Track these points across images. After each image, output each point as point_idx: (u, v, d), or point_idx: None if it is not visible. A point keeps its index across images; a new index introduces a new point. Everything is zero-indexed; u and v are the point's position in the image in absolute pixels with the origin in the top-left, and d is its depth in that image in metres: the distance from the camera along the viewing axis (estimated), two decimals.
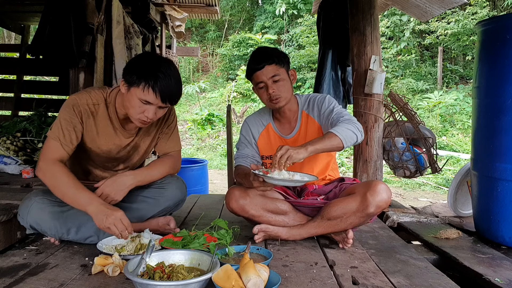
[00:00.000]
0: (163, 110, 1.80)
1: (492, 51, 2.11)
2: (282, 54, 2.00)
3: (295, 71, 2.07)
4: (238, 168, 2.09)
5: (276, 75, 1.94)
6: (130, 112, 1.77)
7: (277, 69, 1.95)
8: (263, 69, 1.94)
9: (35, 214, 1.76)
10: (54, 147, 1.75)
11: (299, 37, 12.83)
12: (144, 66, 1.70)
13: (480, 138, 2.20)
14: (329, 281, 1.51)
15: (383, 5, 4.21)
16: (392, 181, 6.55)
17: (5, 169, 3.16)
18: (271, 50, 2.00)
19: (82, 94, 1.85)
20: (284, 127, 2.12)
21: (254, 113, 2.23)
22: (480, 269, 1.76)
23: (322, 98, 2.05)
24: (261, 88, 1.98)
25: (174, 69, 1.75)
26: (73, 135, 1.79)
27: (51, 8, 3.06)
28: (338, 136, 1.73)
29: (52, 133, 1.77)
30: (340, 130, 1.75)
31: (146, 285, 1.25)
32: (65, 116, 1.79)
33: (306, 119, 2.07)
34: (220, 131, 10.28)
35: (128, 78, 1.71)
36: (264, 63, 1.94)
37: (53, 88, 4.86)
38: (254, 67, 1.96)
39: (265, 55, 1.96)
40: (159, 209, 2.01)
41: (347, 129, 1.77)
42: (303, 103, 2.10)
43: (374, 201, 1.79)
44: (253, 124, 2.17)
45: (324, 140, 1.72)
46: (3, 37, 12.09)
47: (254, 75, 1.97)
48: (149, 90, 1.67)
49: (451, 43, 10.45)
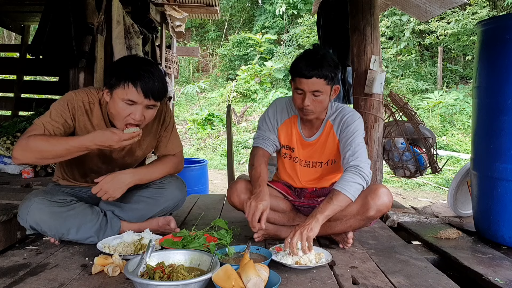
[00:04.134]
0: (152, 111, 1.76)
1: (492, 51, 2.11)
2: (335, 70, 1.82)
3: (339, 88, 1.93)
4: (257, 153, 2.00)
5: (319, 91, 1.81)
6: (115, 120, 1.75)
7: (323, 85, 1.80)
8: (310, 79, 1.78)
9: (35, 215, 1.75)
10: (34, 129, 1.68)
11: (299, 37, 12.83)
12: (123, 68, 1.67)
13: (480, 138, 2.20)
14: (329, 281, 1.51)
15: (383, 5, 4.21)
16: (392, 181, 6.55)
17: (5, 169, 3.16)
18: (327, 62, 1.79)
19: (80, 91, 1.84)
20: (306, 127, 2.04)
21: (286, 98, 2.10)
22: (480, 269, 1.76)
23: (350, 120, 1.93)
24: (299, 94, 1.85)
25: (156, 67, 1.73)
26: (60, 127, 1.74)
27: (51, 8, 3.06)
28: (347, 195, 1.72)
29: (38, 120, 1.73)
30: (348, 187, 1.73)
31: (146, 285, 1.25)
32: (57, 109, 1.76)
33: (329, 129, 1.99)
34: (220, 131, 10.28)
35: (108, 82, 1.68)
36: (314, 75, 1.77)
37: (53, 88, 4.86)
38: (301, 72, 1.80)
39: (319, 66, 1.77)
40: (159, 209, 2.01)
41: (354, 183, 1.74)
42: (332, 113, 2.00)
43: (375, 205, 1.79)
44: (281, 109, 2.07)
45: (333, 203, 1.71)
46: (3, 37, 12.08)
47: (298, 79, 1.82)
48: (129, 86, 1.63)
49: (451, 43, 10.46)
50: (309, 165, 2.06)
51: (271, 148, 2.04)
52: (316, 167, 2.05)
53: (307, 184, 2.09)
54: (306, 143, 2.04)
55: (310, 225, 1.65)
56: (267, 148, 2.02)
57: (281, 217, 2.00)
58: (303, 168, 2.06)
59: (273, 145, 2.05)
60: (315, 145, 2.02)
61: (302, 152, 2.05)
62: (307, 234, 1.62)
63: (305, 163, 2.06)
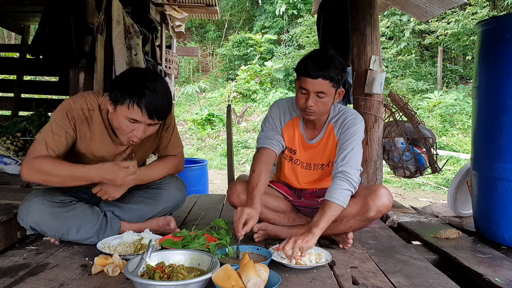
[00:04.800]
0: (154, 127, 1.74)
1: (492, 51, 2.11)
2: (342, 73, 1.79)
3: (343, 91, 1.90)
4: (260, 156, 1.94)
5: (323, 92, 1.78)
6: (118, 132, 1.74)
7: (328, 87, 1.77)
8: (316, 80, 1.75)
9: (35, 215, 1.75)
10: (38, 149, 1.70)
11: (299, 37, 12.83)
12: (128, 82, 1.64)
13: (480, 138, 2.20)
14: (329, 281, 1.51)
15: (383, 5, 4.21)
16: (392, 181, 6.55)
17: (5, 169, 3.15)
18: (335, 64, 1.76)
19: (77, 98, 1.80)
20: (308, 129, 2.02)
21: (287, 99, 2.08)
22: (480, 269, 1.76)
23: (351, 124, 1.92)
24: (303, 93, 1.82)
25: (162, 82, 1.68)
26: (63, 140, 1.73)
27: (51, 8, 3.06)
28: (338, 203, 1.73)
29: (40, 135, 1.73)
30: (337, 195, 1.73)
31: (146, 285, 1.25)
32: (57, 121, 1.74)
33: (330, 131, 1.98)
34: (220, 131, 10.27)
35: (113, 95, 1.66)
36: (320, 75, 1.74)
37: (53, 88, 4.86)
38: (307, 72, 1.76)
39: (326, 67, 1.74)
40: (159, 209, 2.01)
41: (343, 189, 1.75)
42: (334, 114, 1.99)
43: (375, 206, 1.79)
44: (284, 110, 2.03)
45: (327, 214, 1.71)
46: (3, 37, 12.08)
47: (303, 78, 1.79)
48: (134, 107, 1.60)
49: (451, 43, 10.45)
50: (310, 168, 2.05)
51: (277, 147, 1.98)
52: (317, 169, 2.04)
53: (307, 185, 2.09)
54: (308, 145, 2.02)
55: (306, 238, 1.64)
56: (273, 148, 1.96)
57: (282, 217, 2.00)
58: (304, 170, 2.06)
59: (279, 145, 1.99)
60: (317, 148, 2.01)
61: (304, 154, 2.04)
62: (301, 244, 1.61)
63: (306, 165, 2.05)
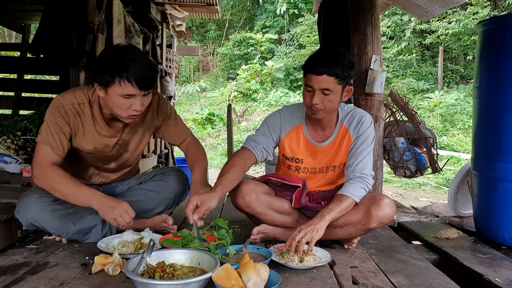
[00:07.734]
0: (147, 97, 1.76)
1: (493, 51, 2.11)
2: (349, 70, 1.75)
3: (352, 89, 1.86)
4: (240, 154, 1.93)
5: (329, 89, 1.74)
6: (117, 112, 1.74)
7: (334, 84, 1.73)
8: (321, 76, 1.72)
9: (35, 213, 1.76)
10: (44, 152, 1.73)
11: (299, 37, 12.81)
12: (110, 62, 1.67)
13: (480, 138, 2.20)
14: (329, 280, 1.51)
15: (384, 5, 4.20)
16: (392, 181, 6.55)
17: (5, 168, 3.15)
18: (341, 61, 1.74)
19: (67, 94, 1.81)
20: (317, 133, 1.97)
21: (291, 107, 2.03)
22: (480, 269, 1.76)
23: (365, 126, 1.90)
24: (308, 91, 1.79)
25: (138, 52, 1.75)
26: (63, 137, 1.76)
27: (52, 7, 3.06)
28: (354, 199, 1.77)
29: (41, 137, 1.75)
30: (353, 190, 1.79)
31: (146, 284, 1.25)
32: (52, 119, 1.75)
33: (344, 132, 1.93)
34: (220, 131, 10.27)
35: (100, 80, 1.67)
36: (325, 72, 1.71)
37: (53, 87, 4.84)
38: (313, 68, 1.74)
39: (331, 63, 1.72)
40: (160, 202, 2.02)
41: (360, 188, 1.80)
42: (344, 115, 1.95)
43: (377, 216, 1.77)
44: (286, 120, 1.98)
45: (341, 205, 1.75)
46: (4, 36, 12.09)
47: (309, 75, 1.76)
48: (125, 83, 1.63)
49: (452, 43, 10.44)
50: (315, 172, 2.01)
51: (259, 153, 1.94)
52: (324, 172, 2.00)
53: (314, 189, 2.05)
54: (317, 149, 1.97)
55: (317, 225, 1.65)
56: (255, 152, 1.93)
57: (285, 218, 1.97)
58: (309, 175, 2.02)
59: (263, 152, 1.95)
60: (328, 150, 1.96)
61: (312, 161, 1.99)
62: (312, 235, 1.63)
63: (312, 170, 2.01)
